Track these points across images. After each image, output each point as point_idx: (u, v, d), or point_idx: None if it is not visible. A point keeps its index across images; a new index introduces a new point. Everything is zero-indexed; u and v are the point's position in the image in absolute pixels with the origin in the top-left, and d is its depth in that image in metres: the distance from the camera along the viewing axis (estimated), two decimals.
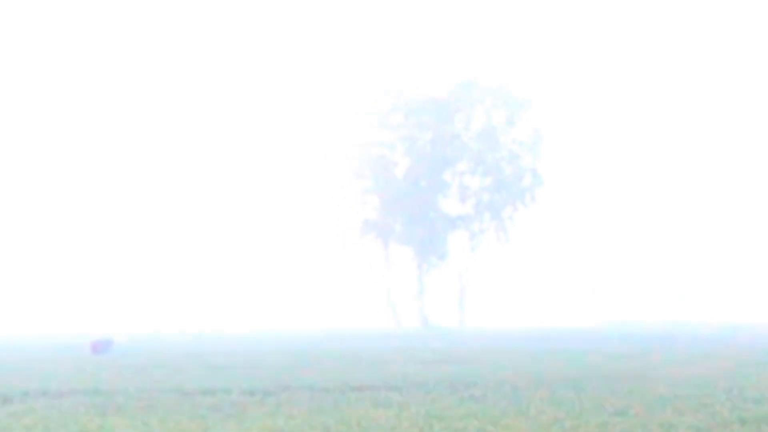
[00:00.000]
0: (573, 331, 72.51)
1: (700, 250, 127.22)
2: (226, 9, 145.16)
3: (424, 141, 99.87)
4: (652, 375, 24.65)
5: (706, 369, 26.78)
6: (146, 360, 36.33)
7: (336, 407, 17.96)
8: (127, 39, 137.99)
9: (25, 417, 15.91)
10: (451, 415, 16.06)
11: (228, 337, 67.75)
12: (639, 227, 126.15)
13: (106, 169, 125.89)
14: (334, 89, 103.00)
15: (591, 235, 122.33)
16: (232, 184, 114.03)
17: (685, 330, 71.66)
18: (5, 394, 20.55)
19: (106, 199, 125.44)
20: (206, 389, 21.73)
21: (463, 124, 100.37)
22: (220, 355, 39.21)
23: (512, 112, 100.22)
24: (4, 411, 17.16)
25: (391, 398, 19.68)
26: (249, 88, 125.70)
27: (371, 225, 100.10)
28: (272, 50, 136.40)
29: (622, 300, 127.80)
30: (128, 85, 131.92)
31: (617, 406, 17.41)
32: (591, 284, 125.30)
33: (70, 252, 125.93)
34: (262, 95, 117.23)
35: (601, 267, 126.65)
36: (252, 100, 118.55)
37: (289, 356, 37.79)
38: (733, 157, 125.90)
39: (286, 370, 28.96)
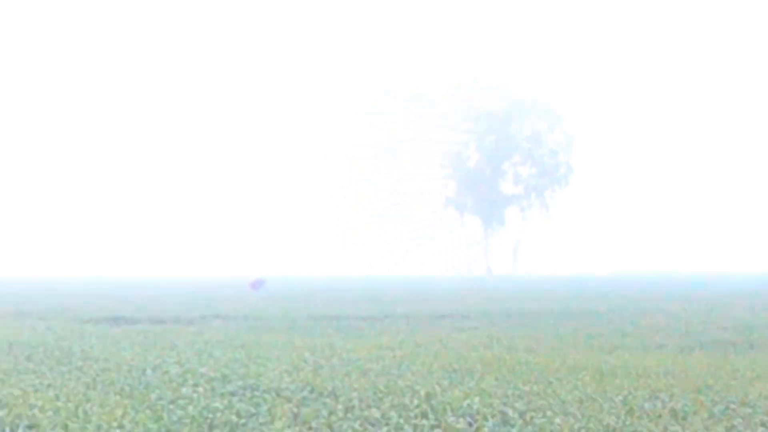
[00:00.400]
0: (597, 278, 71.90)
1: (696, 211, 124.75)
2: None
3: (489, 141, 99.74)
4: (653, 310, 24.34)
5: (690, 306, 26.40)
6: (286, 294, 36.53)
7: (425, 329, 17.91)
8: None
9: (204, 334, 16.04)
10: (506, 335, 15.96)
11: (340, 279, 68.03)
12: (644, 202, 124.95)
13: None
14: (425, 105, 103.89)
15: (609, 208, 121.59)
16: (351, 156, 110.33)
17: (682, 278, 70.68)
18: (189, 318, 20.76)
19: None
20: (332, 315, 21.75)
21: (516, 130, 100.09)
22: (339, 291, 39.33)
23: (552, 121, 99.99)
24: (189, 330, 17.33)
25: (464, 323, 19.60)
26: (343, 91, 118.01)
27: (451, 201, 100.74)
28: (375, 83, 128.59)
29: (635, 254, 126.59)
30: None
31: (626, 331, 17.20)
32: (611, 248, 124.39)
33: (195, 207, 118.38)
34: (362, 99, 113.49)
35: (617, 231, 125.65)
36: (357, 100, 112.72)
37: (390, 293, 37.83)
38: (728, 137, 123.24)
39: (389, 302, 28.97)
